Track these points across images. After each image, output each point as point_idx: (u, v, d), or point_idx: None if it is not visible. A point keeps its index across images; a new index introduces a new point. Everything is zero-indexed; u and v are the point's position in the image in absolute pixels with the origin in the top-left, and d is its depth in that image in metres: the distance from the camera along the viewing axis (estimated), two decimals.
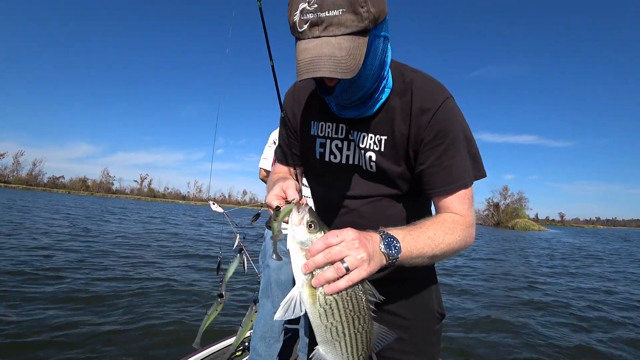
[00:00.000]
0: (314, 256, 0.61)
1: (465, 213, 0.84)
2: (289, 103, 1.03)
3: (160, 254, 8.48)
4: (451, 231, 0.79)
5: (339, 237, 0.62)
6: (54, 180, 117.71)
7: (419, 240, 0.73)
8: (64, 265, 6.11)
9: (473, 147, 0.88)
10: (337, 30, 0.66)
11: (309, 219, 0.65)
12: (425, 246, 0.74)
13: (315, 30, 0.67)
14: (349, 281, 0.60)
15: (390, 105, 0.87)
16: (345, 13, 0.65)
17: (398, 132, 0.86)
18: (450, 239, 0.78)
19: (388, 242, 0.69)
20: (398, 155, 0.88)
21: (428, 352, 1.00)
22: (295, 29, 0.69)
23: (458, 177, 0.84)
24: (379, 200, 0.93)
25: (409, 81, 0.86)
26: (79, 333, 3.33)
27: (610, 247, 22.89)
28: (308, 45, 0.67)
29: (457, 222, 0.81)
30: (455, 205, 0.85)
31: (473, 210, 0.87)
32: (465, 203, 0.85)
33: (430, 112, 0.82)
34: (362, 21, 0.66)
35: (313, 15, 0.66)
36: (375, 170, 0.90)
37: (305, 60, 0.67)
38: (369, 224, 0.93)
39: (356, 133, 0.91)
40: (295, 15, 0.68)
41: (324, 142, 0.96)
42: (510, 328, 4.54)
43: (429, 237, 0.75)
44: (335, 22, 0.65)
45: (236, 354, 2.44)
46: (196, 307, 4.46)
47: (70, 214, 18.72)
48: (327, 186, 1.00)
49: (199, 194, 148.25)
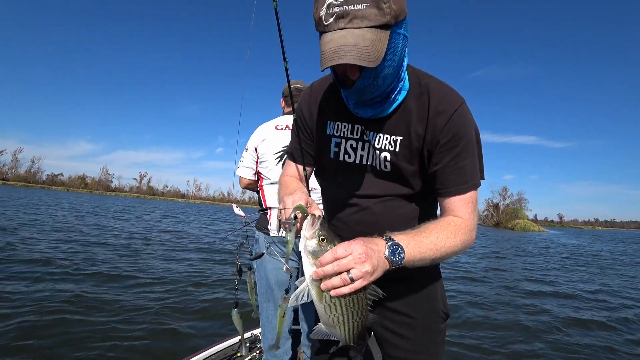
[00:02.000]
0: (323, 266, 0.69)
1: (468, 217, 0.89)
2: (307, 102, 1.05)
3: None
4: (453, 235, 0.84)
5: (347, 251, 0.68)
6: (53, 178, 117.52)
7: (422, 245, 0.78)
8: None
9: (480, 154, 0.93)
10: (362, 23, 0.69)
11: (321, 233, 0.72)
12: (428, 250, 0.79)
13: (341, 22, 0.70)
14: (351, 289, 0.68)
15: (407, 106, 0.90)
16: (369, 7, 0.69)
17: (414, 133, 0.89)
18: (452, 242, 0.83)
19: (393, 249, 0.74)
20: (412, 155, 0.91)
21: (433, 352, 1.01)
22: (321, 23, 0.73)
23: (469, 178, 0.88)
24: (390, 200, 0.96)
25: (425, 84, 0.90)
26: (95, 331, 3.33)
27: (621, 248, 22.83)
28: (334, 36, 0.71)
29: (460, 227, 0.86)
30: (460, 208, 0.89)
31: (476, 214, 0.91)
32: (469, 206, 0.89)
33: (446, 114, 0.86)
34: (384, 16, 0.70)
35: (339, 8, 0.70)
36: (389, 169, 0.93)
37: (331, 49, 0.70)
38: (380, 222, 0.96)
39: (372, 134, 0.93)
40: (322, 10, 0.72)
41: (339, 141, 0.98)
42: (517, 329, 4.55)
43: (431, 242, 0.80)
44: (360, 15, 0.69)
45: (238, 354, 2.44)
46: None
47: (82, 212, 18.67)
48: (339, 185, 1.02)
49: (198, 192, 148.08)
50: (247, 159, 2.11)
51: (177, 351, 3.09)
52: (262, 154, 2.03)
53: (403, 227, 0.95)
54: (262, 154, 2.02)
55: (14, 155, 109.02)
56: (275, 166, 1.99)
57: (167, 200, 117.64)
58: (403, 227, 0.95)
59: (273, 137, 2.01)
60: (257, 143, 2.04)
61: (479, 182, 0.91)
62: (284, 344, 2.00)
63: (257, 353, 2.46)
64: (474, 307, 5.54)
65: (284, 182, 1.08)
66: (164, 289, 5.13)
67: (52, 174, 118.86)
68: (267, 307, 1.97)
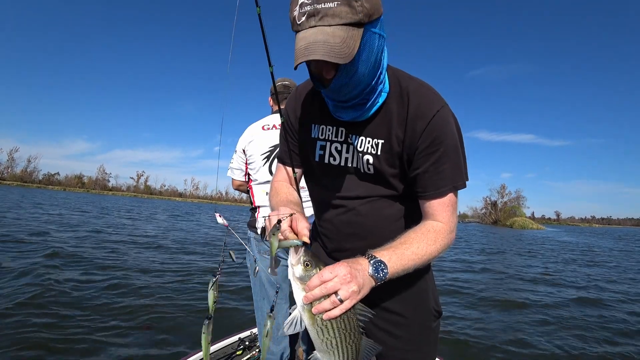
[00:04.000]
0: (312, 290, 0.71)
1: (447, 220, 0.91)
2: (292, 105, 1.06)
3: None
4: (433, 241, 0.86)
5: (332, 273, 0.71)
6: (49, 177, 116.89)
7: (404, 257, 0.81)
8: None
9: (462, 156, 0.92)
10: (332, 21, 0.70)
11: (305, 259, 0.75)
12: (410, 261, 0.82)
13: (312, 20, 0.71)
14: (341, 310, 0.71)
15: (387, 109, 0.90)
16: (340, 5, 0.70)
17: (395, 136, 0.89)
18: (432, 249, 0.86)
19: (376, 267, 0.77)
20: (394, 158, 0.91)
21: (426, 350, 1.02)
22: (295, 23, 0.74)
23: (448, 182, 0.89)
24: (375, 200, 0.96)
25: (405, 87, 0.89)
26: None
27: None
28: (305, 34, 0.72)
29: (440, 232, 0.88)
30: (439, 211, 0.90)
31: (455, 216, 0.93)
32: (448, 209, 0.91)
33: (425, 119, 0.86)
34: (356, 14, 0.70)
35: (310, 7, 0.71)
36: (372, 172, 0.93)
37: (301, 47, 0.71)
38: (367, 222, 0.97)
39: (354, 137, 0.93)
40: (295, 10, 0.73)
41: (324, 144, 0.99)
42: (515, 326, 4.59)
43: (412, 252, 0.83)
44: (330, 13, 0.70)
45: (236, 353, 2.45)
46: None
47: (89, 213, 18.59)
48: (325, 187, 1.03)
49: (195, 191, 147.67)
50: (236, 160, 2.13)
51: (177, 351, 3.10)
52: (249, 155, 2.05)
53: (389, 227, 0.96)
54: (250, 155, 2.05)
55: (10, 155, 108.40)
56: (263, 166, 2.01)
57: (164, 199, 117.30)
58: (389, 227, 0.96)
59: (260, 138, 2.03)
60: (245, 145, 2.06)
61: (459, 185, 0.91)
62: (281, 342, 2.02)
63: (255, 352, 2.48)
64: (467, 303, 5.57)
65: (275, 189, 1.09)
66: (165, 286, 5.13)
67: (49, 173, 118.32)
68: (262, 305, 2.00)
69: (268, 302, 1.98)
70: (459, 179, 0.90)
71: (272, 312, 0.84)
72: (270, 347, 2.00)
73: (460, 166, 0.91)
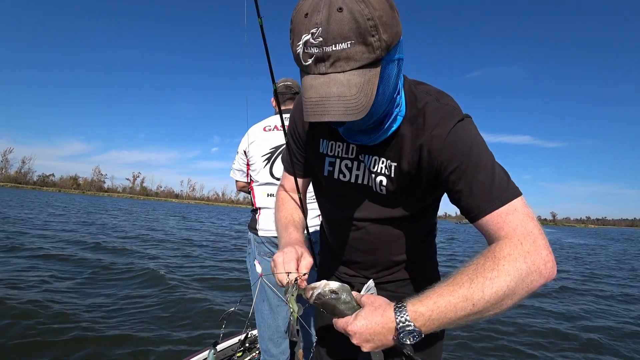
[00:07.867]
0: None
1: (511, 230, 0.68)
2: (300, 116, 0.99)
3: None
4: (495, 276, 0.63)
5: (350, 331, 0.68)
6: (44, 179, 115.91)
7: (449, 310, 0.63)
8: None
9: (494, 163, 0.77)
10: (346, 65, 0.59)
11: (317, 303, 0.74)
12: (458, 311, 0.63)
13: (321, 66, 0.60)
14: None
15: (401, 132, 0.83)
16: (354, 45, 0.58)
17: (408, 159, 0.82)
18: (493, 289, 0.62)
19: (403, 335, 0.65)
20: (408, 181, 0.84)
21: (431, 354, 1.00)
22: (299, 61, 0.62)
23: (495, 189, 0.72)
24: (385, 220, 0.92)
25: (422, 108, 0.80)
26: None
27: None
28: (314, 83, 0.61)
29: (502, 258, 0.65)
30: (495, 228, 0.70)
31: (533, 224, 0.69)
32: (515, 218, 0.69)
33: (440, 138, 0.76)
34: (373, 52, 0.59)
35: (318, 49, 0.58)
36: (385, 193, 0.88)
37: (312, 100, 0.61)
38: (376, 241, 0.95)
39: (367, 156, 0.87)
40: (299, 47, 0.61)
41: (333, 161, 0.93)
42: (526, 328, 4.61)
43: (461, 299, 0.63)
44: (344, 57, 0.58)
45: (237, 354, 2.46)
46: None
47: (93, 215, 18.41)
48: (334, 202, 0.99)
49: (192, 192, 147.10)
50: (238, 162, 2.15)
51: (176, 352, 3.10)
52: (250, 156, 2.06)
53: (399, 246, 0.95)
54: (251, 157, 2.06)
55: (4, 156, 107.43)
56: (264, 168, 2.02)
57: (160, 200, 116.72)
58: (399, 246, 0.95)
59: (260, 139, 2.04)
60: (246, 146, 2.08)
61: (514, 190, 0.72)
62: (281, 344, 2.03)
63: (256, 353, 2.49)
64: None
65: (280, 200, 1.06)
66: (167, 290, 5.11)
67: (43, 174, 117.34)
68: (262, 307, 2.00)
69: (268, 305, 1.99)
70: (506, 185, 0.73)
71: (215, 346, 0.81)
72: (270, 349, 2.01)
73: (495, 172, 0.74)
